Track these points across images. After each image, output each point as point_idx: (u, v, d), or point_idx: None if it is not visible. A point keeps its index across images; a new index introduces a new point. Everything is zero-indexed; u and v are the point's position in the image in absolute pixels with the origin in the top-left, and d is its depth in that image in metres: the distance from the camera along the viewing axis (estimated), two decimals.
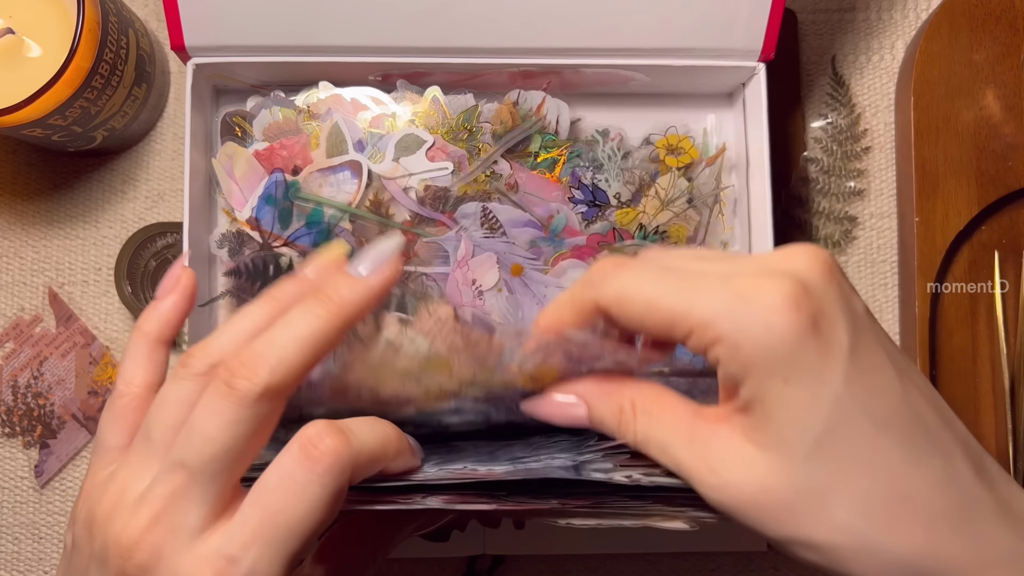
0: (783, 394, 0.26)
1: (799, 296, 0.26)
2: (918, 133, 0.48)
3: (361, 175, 0.42)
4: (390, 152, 0.43)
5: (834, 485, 0.26)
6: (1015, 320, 0.48)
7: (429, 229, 0.43)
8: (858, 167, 0.51)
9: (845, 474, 0.26)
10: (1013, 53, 0.48)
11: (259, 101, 0.44)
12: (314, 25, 0.41)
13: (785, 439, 0.26)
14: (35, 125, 0.42)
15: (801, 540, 0.27)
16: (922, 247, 0.47)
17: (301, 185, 0.42)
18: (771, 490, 0.26)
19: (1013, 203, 0.48)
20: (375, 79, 0.44)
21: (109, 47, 0.42)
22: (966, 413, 0.48)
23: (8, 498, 0.49)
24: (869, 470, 0.26)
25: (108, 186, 0.50)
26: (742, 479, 0.27)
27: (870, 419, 0.26)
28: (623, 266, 0.28)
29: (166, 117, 0.50)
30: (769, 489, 0.26)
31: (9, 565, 0.48)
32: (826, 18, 0.52)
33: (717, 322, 0.26)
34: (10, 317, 0.49)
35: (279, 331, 0.28)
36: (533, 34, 0.42)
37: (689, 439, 0.28)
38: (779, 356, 0.26)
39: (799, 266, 0.27)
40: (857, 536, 0.26)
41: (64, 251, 0.50)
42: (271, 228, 0.42)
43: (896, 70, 0.51)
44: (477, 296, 0.42)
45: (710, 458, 0.27)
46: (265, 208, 0.42)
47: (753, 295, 0.26)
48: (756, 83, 0.44)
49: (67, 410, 0.48)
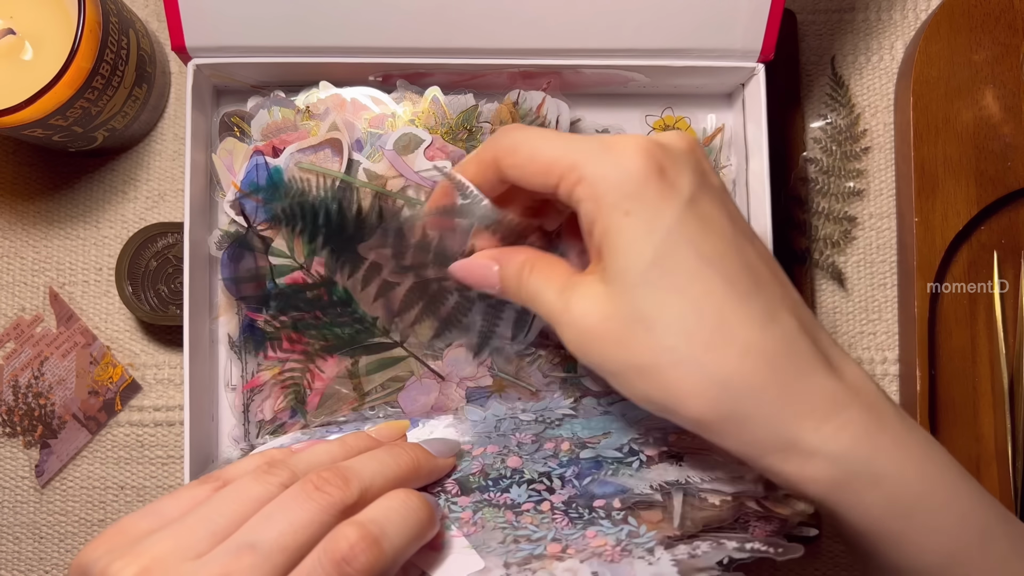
0: (622, 225, 0.30)
1: (653, 149, 0.30)
2: (917, 133, 0.48)
3: (343, 153, 0.42)
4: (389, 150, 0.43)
5: (660, 310, 0.29)
6: (1014, 320, 0.48)
7: None
8: (857, 167, 0.51)
9: (670, 300, 0.29)
10: (1012, 53, 0.48)
11: (259, 101, 0.44)
12: (314, 26, 0.41)
13: (623, 268, 0.30)
14: (36, 125, 0.42)
15: (633, 364, 0.30)
16: (921, 247, 0.47)
17: (283, 167, 0.42)
18: (609, 318, 0.30)
19: (1012, 203, 0.48)
20: (375, 79, 0.44)
21: (110, 48, 0.42)
22: (965, 413, 0.48)
23: (8, 498, 0.49)
24: (691, 298, 0.29)
25: (109, 186, 0.50)
26: (587, 310, 0.30)
27: (697, 254, 0.29)
28: (521, 126, 0.33)
29: (167, 117, 0.50)
30: (608, 317, 0.30)
31: (9, 565, 0.48)
32: (826, 18, 0.52)
33: (582, 164, 0.30)
34: (11, 317, 0.49)
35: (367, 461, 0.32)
36: (533, 34, 0.42)
37: (561, 288, 0.32)
38: (625, 191, 0.30)
39: (665, 137, 0.32)
40: (676, 355, 0.29)
41: (65, 251, 0.50)
42: (255, 211, 0.42)
43: (895, 70, 0.51)
44: None
45: (570, 299, 0.31)
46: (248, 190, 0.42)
47: (615, 145, 0.30)
48: (755, 83, 0.44)
49: (68, 410, 0.49)
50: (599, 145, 0.30)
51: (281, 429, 0.42)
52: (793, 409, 0.29)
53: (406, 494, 0.31)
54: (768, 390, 0.29)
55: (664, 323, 0.29)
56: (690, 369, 0.29)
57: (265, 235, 0.42)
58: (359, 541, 0.28)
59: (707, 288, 0.29)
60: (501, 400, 0.42)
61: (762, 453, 0.30)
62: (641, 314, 0.29)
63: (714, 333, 0.29)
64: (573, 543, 0.32)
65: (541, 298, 0.32)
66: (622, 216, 0.30)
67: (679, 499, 0.34)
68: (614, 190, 0.30)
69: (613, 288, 0.30)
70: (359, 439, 0.35)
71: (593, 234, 0.31)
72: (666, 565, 0.31)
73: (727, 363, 0.29)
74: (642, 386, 0.30)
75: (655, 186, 0.30)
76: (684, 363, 0.29)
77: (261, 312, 0.42)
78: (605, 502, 0.34)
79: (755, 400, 0.29)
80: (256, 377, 0.43)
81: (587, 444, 0.37)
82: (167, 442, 0.49)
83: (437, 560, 0.32)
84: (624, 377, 0.30)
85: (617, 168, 0.30)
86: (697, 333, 0.29)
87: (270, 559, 0.27)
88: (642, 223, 0.29)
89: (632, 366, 0.30)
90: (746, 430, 0.29)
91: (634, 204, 0.29)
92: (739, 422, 0.29)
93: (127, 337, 0.49)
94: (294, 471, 0.31)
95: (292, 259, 0.42)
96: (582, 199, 0.30)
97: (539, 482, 0.35)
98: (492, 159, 0.33)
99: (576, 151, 0.31)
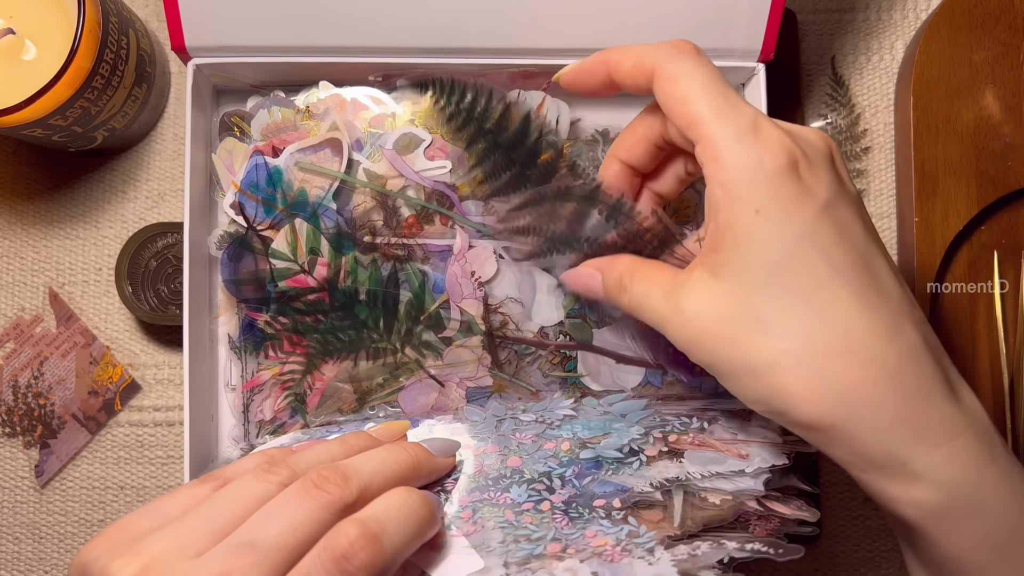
0: (752, 222, 0.28)
1: (794, 148, 0.29)
2: (917, 133, 0.48)
3: (343, 153, 0.42)
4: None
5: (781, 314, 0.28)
6: (1014, 320, 0.48)
7: (429, 228, 0.43)
8: (858, 167, 0.51)
9: (792, 304, 0.28)
10: (1013, 53, 0.48)
11: (259, 101, 0.44)
12: (314, 26, 0.41)
13: (744, 267, 0.29)
14: (36, 125, 0.42)
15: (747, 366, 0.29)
16: (921, 247, 0.47)
17: (283, 167, 0.42)
18: (726, 317, 0.29)
19: (1012, 203, 0.48)
20: (375, 79, 0.44)
21: (110, 47, 0.42)
22: None
23: (8, 498, 0.49)
24: (815, 305, 0.28)
25: (108, 186, 0.50)
26: (701, 309, 0.29)
27: (827, 260, 0.28)
28: (691, 53, 0.31)
29: (166, 117, 0.50)
30: (724, 317, 0.29)
31: (9, 565, 0.48)
32: (826, 18, 0.52)
33: (722, 141, 0.29)
34: (10, 317, 0.49)
35: (367, 459, 0.32)
36: (533, 34, 0.42)
37: (667, 292, 0.31)
38: (758, 187, 0.28)
39: (806, 134, 0.31)
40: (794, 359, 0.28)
41: (64, 251, 0.50)
42: (255, 211, 0.42)
43: (896, 70, 0.51)
44: (477, 288, 0.42)
45: (680, 300, 0.30)
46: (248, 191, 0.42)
47: (763, 134, 0.29)
48: (756, 83, 0.44)
49: (67, 410, 0.49)
50: (749, 129, 0.29)
51: (281, 429, 0.42)
52: (909, 429, 0.28)
53: (406, 492, 0.31)
54: (887, 406, 0.28)
55: (785, 327, 0.28)
56: (807, 374, 0.28)
57: (265, 235, 0.42)
58: (359, 538, 0.28)
59: (833, 296, 0.28)
60: (501, 400, 0.42)
61: (867, 467, 0.29)
62: (760, 315, 0.28)
63: (837, 341, 0.28)
64: (573, 543, 0.32)
65: (647, 304, 0.31)
66: (752, 213, 0.28)
67: (679, 498, 0.34)
68: (748, 185, 0.28)
69: (730, 286, 0.29)
70: (359, 438, 0.35)
71: (716, 221, 0.30)
72: (666, 565, 0.31)
73: (848, 372, 0.28)
74: (754, 387, 0.29)
75: (792, 187, 0.28)
76: (802, 367, 0.28)
77: (261, 312, 0.42)
78: (605, 502, 0.34)
79: (871, 413, 0.28)
80: (256, 377, 0.43)
81: (587, 444, 0.37)
82: (167, 442, 0.49)
83: (437, 560, 0.32)
84: (736, 377, 0.29)
85: (756, 163, 0.28)
86: (819, 339, 0.28)
87: (269, 557, 0.27)
88: (773, 224, 0.28)
89: (746, 367, 0.29)
90: (856, 442, 0.28)
91: (767, 203, 0.28)
92: (851, 433, 0.28)
93: (127, 337, 0.49)
94: (294, 470, 0.30)
95: (293, 260, 0.42)
96: (712, 181, 0.29)
97: (539, 482, 0.35)
98: (651, 68, 0.31)
99: (724, 124, 0.29)
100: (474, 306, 0.43)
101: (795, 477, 0.37)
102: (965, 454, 0.28)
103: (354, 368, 0.42)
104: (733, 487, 0.34)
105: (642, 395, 0.41)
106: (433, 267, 0.43)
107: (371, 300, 0.42)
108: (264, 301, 0.42)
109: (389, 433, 0.36)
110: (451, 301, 0.43)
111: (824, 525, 0.49)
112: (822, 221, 0.29)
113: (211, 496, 0.29)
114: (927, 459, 0.28)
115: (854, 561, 0.49)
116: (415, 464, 0.33)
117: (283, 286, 0.42)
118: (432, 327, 0.43)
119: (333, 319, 0.42)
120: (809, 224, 0.28)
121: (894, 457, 0.28)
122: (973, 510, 0.29)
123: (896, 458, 0.28)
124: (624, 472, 0.35)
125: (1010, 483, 0.29)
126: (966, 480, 0.28)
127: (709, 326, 0.29)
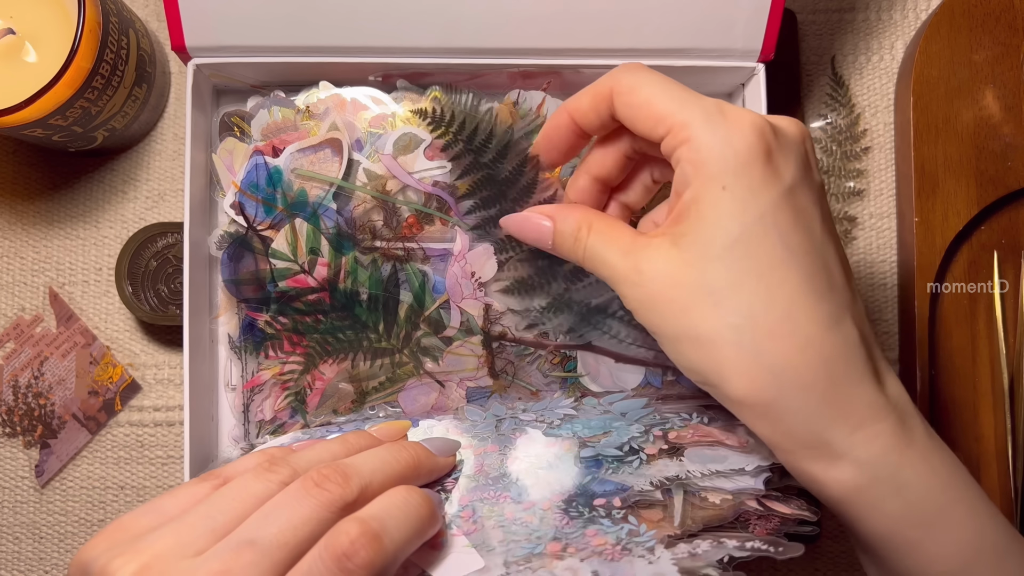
0: (717, 197, 0.30)
1: (766, 130, 0.30)
2: (917, 133, 0.48)
3: (342, 153, 0.42)
4: (388, 151, 0.43)
5: (732, 288, 0.29)
6: (1014, 320, 0.48)
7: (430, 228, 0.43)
8: (857, 167, 0.51)
9: (744, 281, 0.29)
10: (1013, 53, 0.48)
11: (259, 101, 0.44)
12: (314, 26, 0.41)
13: (704, 239, 0.30)
14: (36, 125, 0.42)
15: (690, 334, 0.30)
16: (921, 247, 0.47)
17: (283, 168, 0.42)
18: (680, 285, 0.30)
19: (1012, 203, 0.48)
20: (375, 79, 0.44)
21: (110, 48, 0.42)
22: (965, 413, 0.48)
23: (8, 498, 0.49)
24: (766, 284, 0.29)
25: (108, 186, 0.50)
26: (658, 273, 0.31)
27: (783, 243, 0.30)
28: (644, 68, 0.33)
29: (166, 117, 0.50)
30: (679, 284, 0.30)
31: (9, 565, 0.48)
32: (826, 18, 0.52)
33: (692, 125, 0.30)
34: (11, 317, 0.49)
35: (367, 458, 0.32)
36: (533, 34, 0.42)
37: (626, 251, 0.32)
38: (728, 165, 0.30)
39: (779, 120, 0.32)
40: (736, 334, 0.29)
41: (65, 251, 0.50)
42: (255, 211, 0.42)
43: (895, 70, 0.51)
44: (477, 288, 0.42)
45: (640, 262, 0.31)
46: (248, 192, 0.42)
47: (730, 116, 0.30)
48: (755, 83, 0.44)
49: (67, 410, 0.49)
50: (715, 111, 0.30)
51: (281, 429, 0.42)
52: (834, 411, 0.30)
53: (407, 490, 0.31)
54: (816, 388, 0.29)
55: (733, 301, 0.29)
56: (747, 351, 0.29)
57: (265, 235, 0.42)
58: (360, 537, 0.28)
59: (784, 277, 0.30)
60: (501, 400, 0.42)
61: (792, 447, 0.30)
62: (712, 287, 0.30)
63: (779, 322, 0.29)
64: (573, 542, 0.32)
65: (604, 259, 0.32)
66: (719, 189, 0.30)
67: (680, 498, 0.34)
68: (717, 162, 0.30)
69: (688, 256, 0.30)
70: (360, 437, 0.35)
71: (682, 196, 0.31)
72: (666, 564, 0.31)
73: (784, 353, 0.29)
74: (693, 355, 0.30)
75: (760, 168, 0.30)
76: (743, 344, 0.29)
77: (261, 312, 0.42)
78: (605, 501, 0.34)
79: (800, 395, 0.29)
80: (256, 377, 0.43)
81: (587, 443, 0.37)
82: (167, 442, 0.49)
83: (437, 559, 0.32)
84: (679, 343, 0.31)
85: (726, 141, 0.30)
86: (763, 318, 0.29)
87: (270, 556, 0.27)
88: (737, 201, 0.29)
89: (689, 335, 0.30)
90: (783, 421, 0.30)
91: (734, 180, 0.30)
92: (779, 412, 0.30)
93: (127, 337, 0.49)
94: (294, 468, 0.30)
95: (293, 260, 0.42)
96: (683, 160, 0.30)
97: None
98: (608, 93, 0.33)
99: (691, 110, 0.30)
100: (474, 306, 0.43)
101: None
102: (886, 436, 0.30)
103: (354, 368, 0.42)
104: (733, 486, 0.34)
105: (642, 395, 0.41)
106: (433, 267, 0.43)
107: (371, 300, 0.42)
108: (264, 301, 0.42)
109: (390, 432, 0.36)
110: (451, 301, 0.43)
111: (824, 525, 0.49)
112: (784, 205, 0.30)
113: (211, 495, 0.29)
114: (849, 440, 0.30)
115: (854, 561, 0.49)
116: (415, 463, 0.33)
117: (283, 286, 0.42)
118: (432, 328, 0.43)
119: (333, 319, 0.42)
120: (771, 205, 0.30)
121: (819, 437, 0.30)
122: (895, 488, 0.30)
123: (820, 438, 0.30)
124: (624, 471, 0.35)
125: (929, 464, 0.31)
126: (885, 461, 0.30)
127: (663, 290, 0.30)
